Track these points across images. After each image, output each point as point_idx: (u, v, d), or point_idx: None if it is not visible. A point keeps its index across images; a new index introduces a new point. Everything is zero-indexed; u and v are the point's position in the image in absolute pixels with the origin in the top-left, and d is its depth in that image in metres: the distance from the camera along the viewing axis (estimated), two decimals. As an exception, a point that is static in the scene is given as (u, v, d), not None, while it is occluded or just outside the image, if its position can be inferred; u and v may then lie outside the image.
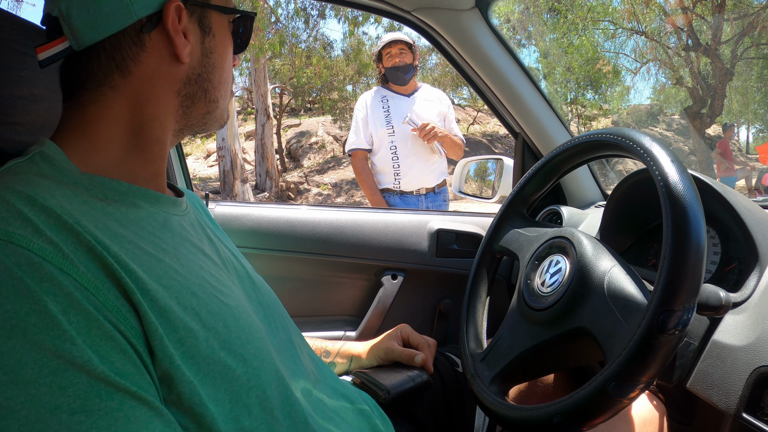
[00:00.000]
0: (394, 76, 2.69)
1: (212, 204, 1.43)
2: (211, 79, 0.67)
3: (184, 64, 0.63)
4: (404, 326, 1.07)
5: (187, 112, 0.67)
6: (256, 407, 0.55)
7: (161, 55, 0.62)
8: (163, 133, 0.65)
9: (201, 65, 0.66)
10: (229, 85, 0.72)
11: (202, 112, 0.68)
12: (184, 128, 0.69)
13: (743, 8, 11.87)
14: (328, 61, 14.29)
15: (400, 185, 2.72)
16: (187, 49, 0.63)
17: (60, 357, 0.42)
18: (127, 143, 0.62)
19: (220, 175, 10.30)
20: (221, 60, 0.68)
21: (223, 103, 0.71)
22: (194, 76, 0.65)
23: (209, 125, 0.71)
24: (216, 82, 0.68)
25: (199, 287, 0.56)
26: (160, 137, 0.65)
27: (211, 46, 0.66)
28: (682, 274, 0.57)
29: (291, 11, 12.65)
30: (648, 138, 0.69)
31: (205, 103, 0.68)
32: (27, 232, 0.45)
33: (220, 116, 0.72)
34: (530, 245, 0.86)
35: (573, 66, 14.16)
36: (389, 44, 2.66)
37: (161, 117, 0.64)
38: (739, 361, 0.70)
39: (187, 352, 0.50)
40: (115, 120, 0.61)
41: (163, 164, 0.67)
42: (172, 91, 0.64)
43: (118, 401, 0.43)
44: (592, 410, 0.61)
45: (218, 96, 0.69)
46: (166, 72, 0.63)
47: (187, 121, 0.68)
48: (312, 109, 17.61)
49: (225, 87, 0.71)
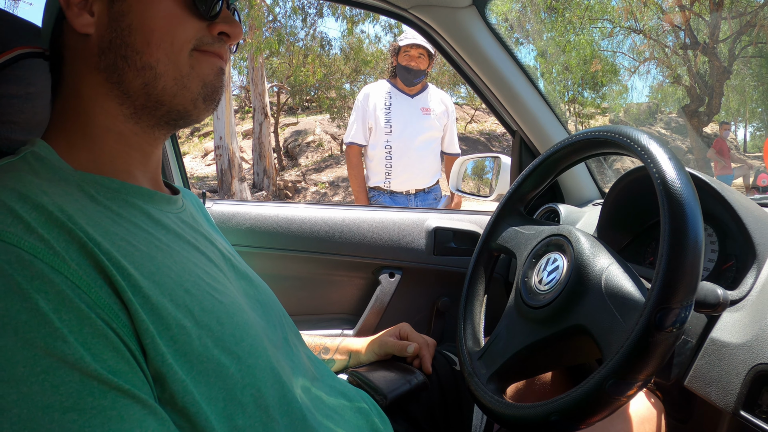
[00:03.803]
0: (405, 77, 2.67)
1: (209, 202, 1.43)
2: (130, 42, 0.60)
3: (90, 35, 0.60)
4: (404, 325, 1.07)
5: (123, 89, 0.61)
6: (250, 405, 0.54)
7: (75, 34, 0.61)
8: (110, 119, 0.62)
9: (110, 31, 0.60)
10: (170, 47, 0.61)
11: (138, 85, 0.61)
12: (139, 111, 0.63)
13: (741, 6, 11.88)
14: (326, 59, 14.26)
15: (391, 185, 2.71)
16: (82, 19, 0.60)
17: (52, 355, 0.41)
18: (88, 135, 0.61)
19: (218, 174, 10.30)
20: (142, 19, 0.60)
21: (166, 68, 0.61)
22: (105, 45, 0.60)
23: (169, 101, 0.62)
24: (140, 45, 0.60)
25: (193, 284, 0.56)
26: (109, 125, 0.62)
27: (121, 9, 0.60)
28: (680, 272, 0.57)
29: (288, 9, 12.64)
30: (645, 136, 0.69)
31: (134, 72, 0.60)
32: (18, 229, 0.45)
33: (175, 86, 0.62)
34: (528, 243, 0.86)
35: (571, 64, 14.16)
36: (412, 45, 2.62)
37: (97, 99, 0.61)
38: (736, 359, 0.70)
39: (180, 350, 0.50)
40: (71, 112, 0.62)
41: (136, 160, 0.65)
42: (92, 68, 0.61)
43: (111, 399, 0.43)
44: (589, 408, 0.61)
45: (151, 61, 0.60)
46: (81, 48, 0.61)
47: (131, 100, 0.62)
48: (310, 107, 17.58)
49: (160, 49, 0.60)
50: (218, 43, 0.65)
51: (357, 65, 14.31)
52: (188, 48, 0.62)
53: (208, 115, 0.66)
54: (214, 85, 0.65)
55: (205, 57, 0.64)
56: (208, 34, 0.64)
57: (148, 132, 0.65)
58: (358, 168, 2.78)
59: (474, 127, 17.01)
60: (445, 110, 2.78)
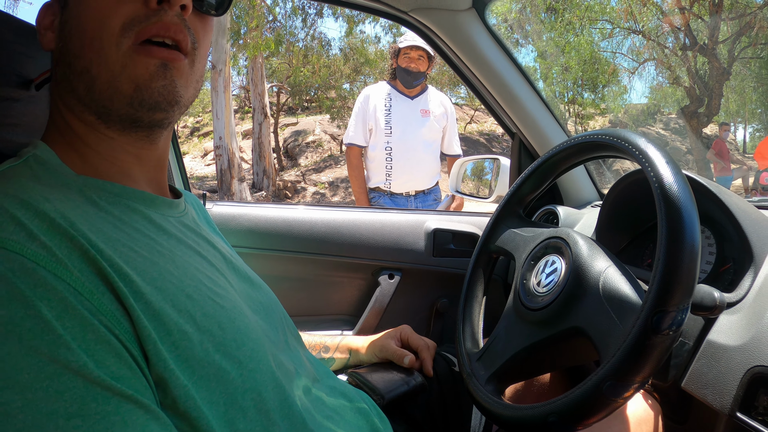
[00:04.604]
0: (404, 78, 2.69)
1: (209, 204, 1.43)
2: (70, 48, 0.58)
3: (52, 50, 0.63)
4: (405, 327, 1.06)
5: (76, 97, 0.60)
6: (251, 409, 0.55)
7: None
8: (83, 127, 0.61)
9: (59, 40, 0.61)
10: (99, 44, 0.56)
11: (83, 91, 0.59)
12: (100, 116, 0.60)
13: (740, 8, 11.89)
14: (326, 60, 14.26)
15: (391, 186, 2.73)
16: (46, 37, 0.62)
17: (56, 362, 0.41)
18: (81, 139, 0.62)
19: (218, 174, 10.28)
20: (77, 21, 0.58)
21: (99, 70, 0.57)
22: (57, 57, 0.61)
23: (109, 105, 0.58)
24: (77, 48, 0.58)
25: (195, 289, 0.56)
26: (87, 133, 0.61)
27: (66, 17, 0.59)
28: (677, 275, 0.57)
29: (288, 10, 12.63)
30: (643, 139, 0.69)
31: (77, 78, 0.58)
32: (20, 237, 0.45)
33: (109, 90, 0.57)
34: (526, 245, 0.86)
35: (570, 65, 14.16)
36: (412, 47, 2.64)
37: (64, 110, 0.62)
38: (733, 361, 0.70)
39: (181, 355, 0.50)
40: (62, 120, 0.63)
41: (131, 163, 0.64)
42: (55, 81, 0.63)
43: (115, 405, 0.43)
44: (587, 409, 0.61)
45: (86, 64, 0.57)
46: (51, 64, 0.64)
47: (86, 107, 0.60)
48: (309, 107, 17.58)
49: (91, 49, 0.57)
50: (155, 17, 0.57)
51: (357, 65, 14.31)
52: (117, 41, 0.56)
53: (167, 118, 0.62)
54: (152, 87, 0.57)
55: (139, 55, 0.57)
56: (142, 9, 0.57)
57: (125, 135, 0.62)
58: (359, 169, 2.79)
59: (474, 128, 17.02)
60: (445, 112, 2.80)
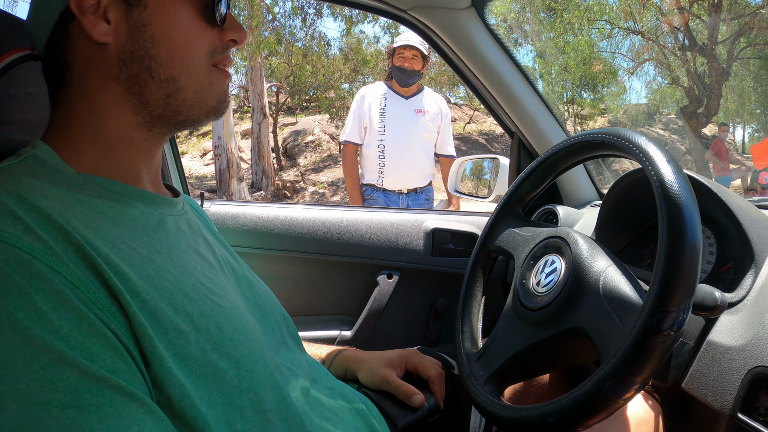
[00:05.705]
0: (399, 77, 2.73)
1: (207, 203, 1.43)
2: (154, 55, 0.60)
3: (108, 44, 0.59)
4: (414, 354, 0.93)
5: (142, 100, 0.61)
6: (248, 410, 0.55)
7: (88, 41, 0.59)
8: (122, 127, 0.61)
9: (132, 41, 0.59)
10: (191, 61, 0.62)
11: (159, 97, 0.61)
12: (154, 120, 0.63)
13: (739, 8, 11.91)
14: (325, 60, 14.25)
15: (383, 183, 2.77)
16: (99, 27, 0.58)
17: (50, 352, 0.42)
18: (96, 141, 0.61)
19: (216, 174, 10.28)
20: (165, 31, 0.60)
21: (188, 81, 0.62)
22: (127, 56, 0.59)
23: (186, 112, 0.64)
24: (164, 57, 0.60)
25: (192, 288, 0.56)
26: (121, 133, 0.61)
27: (141, 19, 0.59)
28: (678, 275, 0.57)
29: (288, 9, 12.62)
30: (644, 138, 0.69)
31: (158, 84, 0.61)
32: (17, 230, 0.46)
33: (194, 99, 0.63)
34: (525, 245, 0.86)
35: (570, 65, 14.17)
36: (406, 46, 2.68)
37: (112, 109, 0.61)
38: (734, 362, 0.70)
39: (178, 354, 0.50)
40: (78, 118, 0.61)
41: (142, 163, 0.65)
42: (110, 78, 0.60)
43: (109, 397, 0.43)
44: (587, 410, 0.61)
45: (174, 74, 0.61)
46: (97, 57, 0.59)
47: (149, 110, 0.62)
48: (308, 107, 17.57)
49: (182, 63, 0.61)
50: (227, 51, 0.67)
51: (356, 65, 14.31)
52: (206, 61, 0.64)
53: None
54: (226, 100, 0.68)
55: (221, 74, 0.66)
56: (219, 42, 0.65)
57: (159, 137, 0.66)
58: (353, 166, 2.85)
59: (473, 128, 17.01)
60: (439, 112, 2.83)
